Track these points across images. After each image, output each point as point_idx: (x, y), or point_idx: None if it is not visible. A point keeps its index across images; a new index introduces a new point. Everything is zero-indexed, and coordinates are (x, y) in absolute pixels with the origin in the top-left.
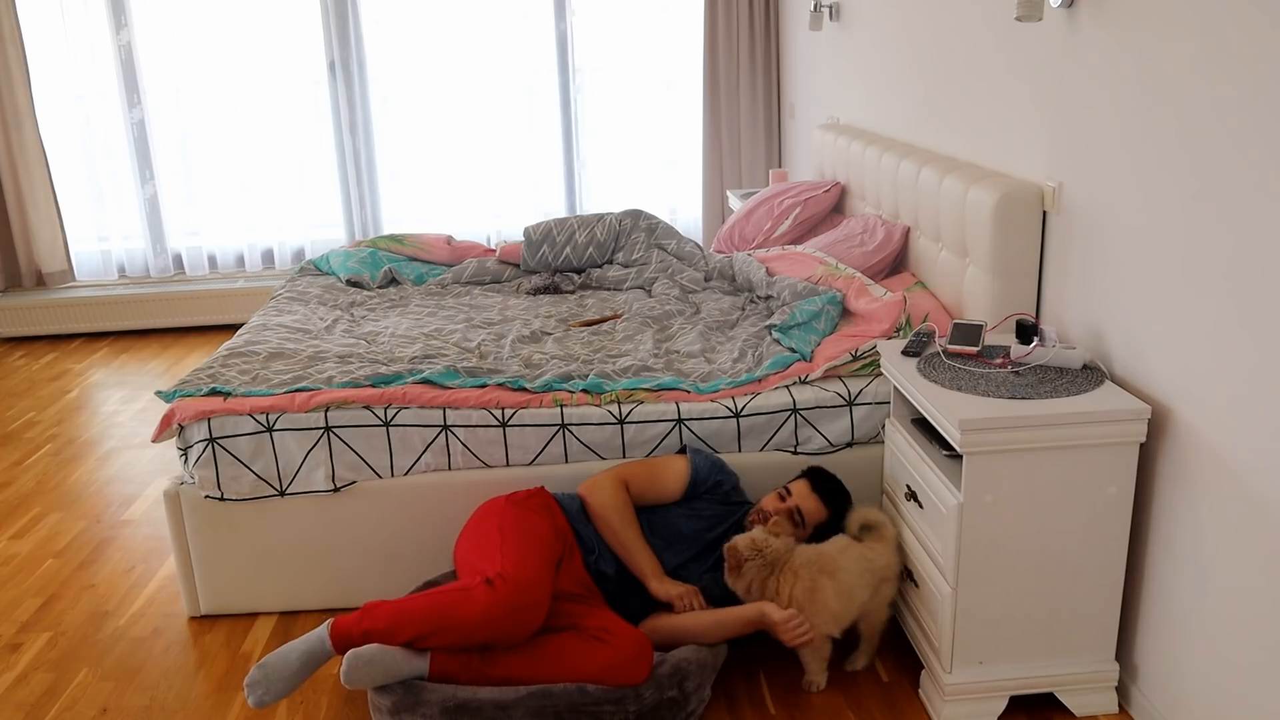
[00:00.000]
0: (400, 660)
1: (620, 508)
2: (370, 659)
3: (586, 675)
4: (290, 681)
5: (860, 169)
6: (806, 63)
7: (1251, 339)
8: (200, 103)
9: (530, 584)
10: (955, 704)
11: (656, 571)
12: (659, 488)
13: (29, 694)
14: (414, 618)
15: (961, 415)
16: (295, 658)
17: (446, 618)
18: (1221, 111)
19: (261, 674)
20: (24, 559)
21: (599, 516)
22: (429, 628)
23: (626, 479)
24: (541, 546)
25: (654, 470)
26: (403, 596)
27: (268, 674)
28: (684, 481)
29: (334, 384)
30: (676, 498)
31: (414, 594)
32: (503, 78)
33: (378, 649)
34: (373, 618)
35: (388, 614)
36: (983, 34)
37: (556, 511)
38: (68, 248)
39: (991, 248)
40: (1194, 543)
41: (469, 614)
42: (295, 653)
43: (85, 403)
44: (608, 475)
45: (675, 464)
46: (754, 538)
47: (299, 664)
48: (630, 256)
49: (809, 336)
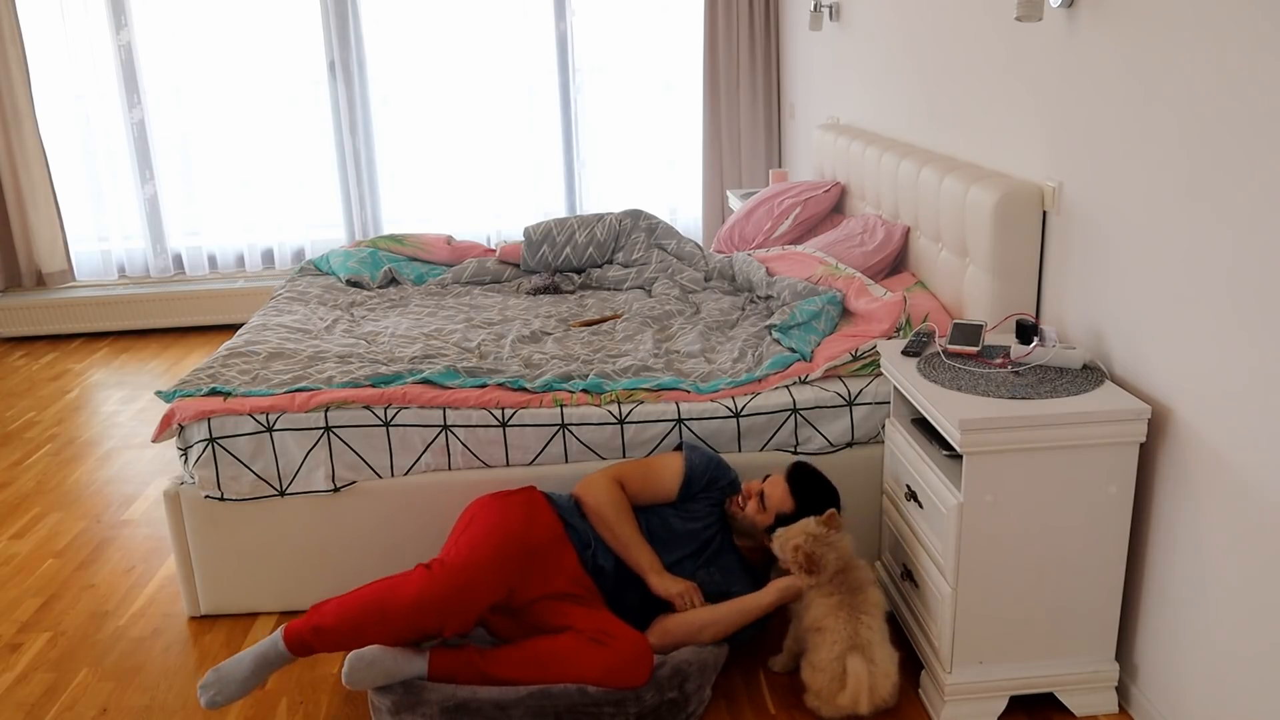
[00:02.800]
0: (400, 661)
1: (615, 504)
2: (371, 660)
3: (586, 678)
4: (244, 684)
5: (860, 169)
6: (806, 63)
7: (1251, 339)
8: (200, 103)
9: (468, 568)
10: (955, 704)
11: (656, 567)
12: (654, 488)
13: (29, 694)
14: (358, 607)
15: (961, 415)
16: (249, 661)
17: (386, 604)
18: (1221, 111)
19: (215, 676)
20: (24, 559)
21: (595, 514)
22: (372, 616)
23: (621, 478)
24: (499, 535)
25: (649, 469)
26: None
27: (221, 676)
28: (679, 480)
29: (334, 384)
30: (672, 497)
31: (359, 587)
32: (503, 78)
33: (379, 650)
34: (321, 614)
35: (334, 608)
36: (983, 34)
37: (543, 508)
38: (68, 248)
39: (991, 248)
40: (1194, 543)
41: (404, 598)
42: (249, 656)
43: (85, 403)
44: (602, 474)
45: (670, 463)
46: (813, 533)
47: (252, 667)
48: (630, 256)
49: (809, 336)
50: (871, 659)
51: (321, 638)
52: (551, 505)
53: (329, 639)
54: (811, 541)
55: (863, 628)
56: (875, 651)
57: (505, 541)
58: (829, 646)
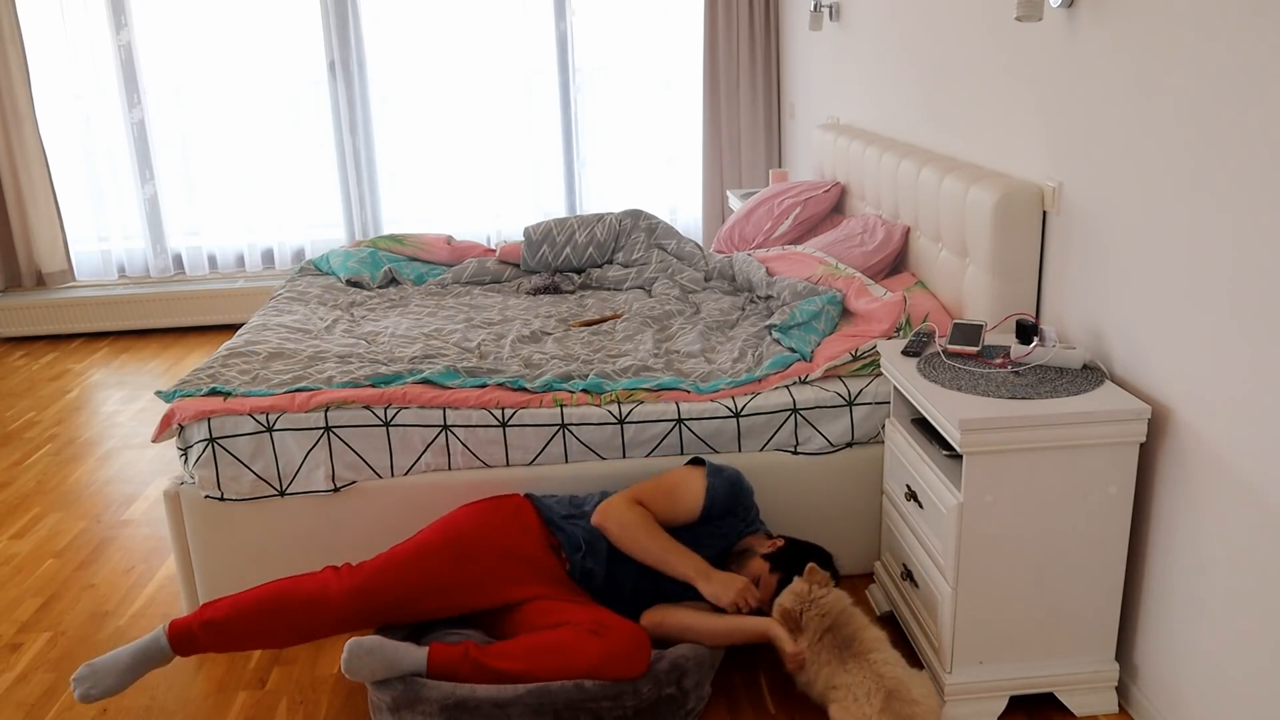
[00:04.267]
0: (400, 653)
1: (641, 523)
2: (371, 649)
3: (584, 669)
4: (120, 678)
5: (860, 169)
6: (806, 63)
7: (1251, 339)
8: (200, 103)
9: (375, 569)
10: (955, 704)
11: (703, 570)
12: (674, 510)
13: (29, 694)
14: (255, 600)
15: (961, 415)
16: (126, 655)
17: (285, 595)
18: (1222, 111)
19: (89, 670)
20: (24, 559)
21: (622, 540)
22: (268, 606)
23: (640, 500)
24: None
25: (671, 494)
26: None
27: (95, 670)
28: (700, 504)
29: (334, 384)
30: (693, 519)
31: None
32: (503, 77)
33: (379, 640)
34: (213, 608)
35: (227, 602)
36: (983, 34)
37: (524, 513)
38: (68, 248)
39: (991, 248)
40: (1194, 543)
41: (304, 590)
42: (127, 652)
43: (85, 403)
44: (620, 497)
45: (691, 484)
46: (797, 591)
47: (130, 661)
48: (630, 256)
49: (809, 336)
50: (909, 698)
51: (210, 631)
52: (538, 510)
53: (218, 633)
54: (794, 600)
55: (883, 668)
56: (910, 689)
57: (444, 544)
58: (857, 703)
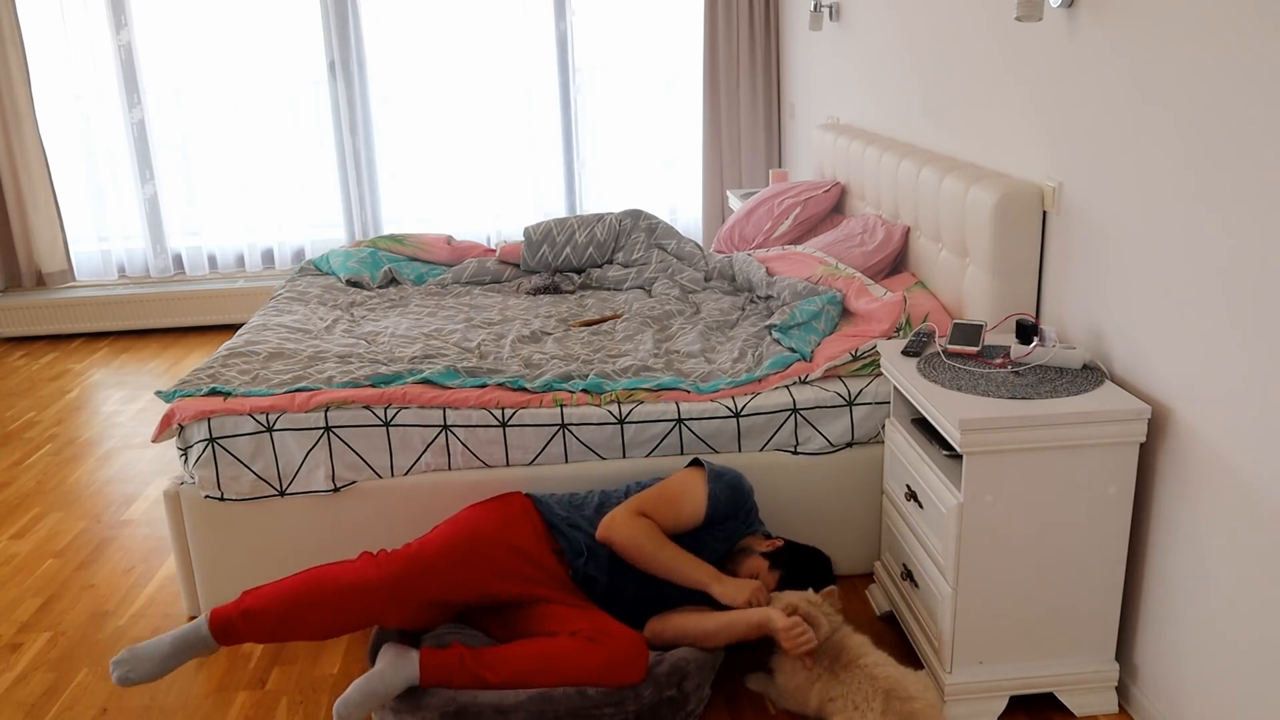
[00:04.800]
0: (388, 677)
1: (647, 534)
2: (358, 702)
3: (583, 677)
4: (159, 665)
5: (860, 169)
6: (806, 63)
7: (1251, 339)
8: (200, 103)
9: (411, 558)
10: (955, 704)
11: (715, 575)
12: (677, 518)
13: (29, 694)
14: (291, 589)
15: (961, 415)
16: (167, 643)
17: (321, 585)
18: (1221, 111)
19: (130, 654)
20: (24, 559)
21: (629, 553)
22: (305, 597)
23: (643, 511)
24: (456, 532)
25: (674, 502)
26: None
27: (135, 655)
28: (703, 511)
29: (334, 384)
30: (697, 524)
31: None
32: (503, 77)
33: (361, 682)
34: (251, 597)
35: (265, 591)
36: (983, 34)
37: (530, 516)
38: (68, 248)
39: (991, 248)
40: (1194, 542)
41: (340, 580)
42: (169, 639)
43: (85, 403)
44: (623, 509)
45: (693, 490)
46: (811, 600)
47: (170, 649)
48: (630, 256)
49: (809, 336)
50: (908, 695)
51: (250, 621)
52: (541, 513)
53: (257, 623)
54: (808, 605)
55: (876, 670)
56: (907, 686)
57: (463, 539)
58: (858, 710)
